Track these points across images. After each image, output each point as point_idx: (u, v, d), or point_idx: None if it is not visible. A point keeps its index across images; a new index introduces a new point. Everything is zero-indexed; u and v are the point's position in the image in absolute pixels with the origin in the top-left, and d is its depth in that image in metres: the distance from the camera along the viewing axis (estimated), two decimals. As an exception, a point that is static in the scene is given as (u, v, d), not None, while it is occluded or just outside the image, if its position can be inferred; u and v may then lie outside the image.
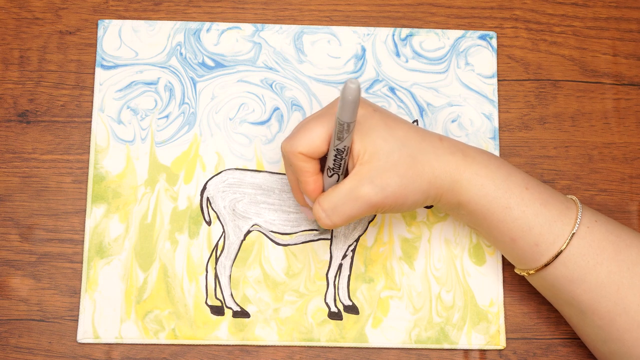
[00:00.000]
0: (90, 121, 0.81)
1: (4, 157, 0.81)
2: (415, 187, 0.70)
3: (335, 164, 0.70)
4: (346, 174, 0.72)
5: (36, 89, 0.82)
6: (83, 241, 0.79)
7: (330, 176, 0.71)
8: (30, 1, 0.84)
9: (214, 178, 0.80)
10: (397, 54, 0.84)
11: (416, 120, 0.82)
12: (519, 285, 0.80)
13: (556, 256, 0.71)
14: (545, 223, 0.71)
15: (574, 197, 0.74)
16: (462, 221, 0.77)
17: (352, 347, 0.78)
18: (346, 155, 0.69)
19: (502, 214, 0.71)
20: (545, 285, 0.74)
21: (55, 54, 0.83)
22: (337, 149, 0.69)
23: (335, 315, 0.79)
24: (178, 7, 0.84)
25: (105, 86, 0.82)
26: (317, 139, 0.70)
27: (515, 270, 0.75)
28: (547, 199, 0.72)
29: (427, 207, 0.81)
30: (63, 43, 0.83)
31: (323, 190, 0.72)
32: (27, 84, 0.82)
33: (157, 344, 0.78)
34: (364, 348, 0.78)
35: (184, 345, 0.78)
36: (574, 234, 0.71)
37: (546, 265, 0.71)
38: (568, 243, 0.71)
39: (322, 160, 0.72)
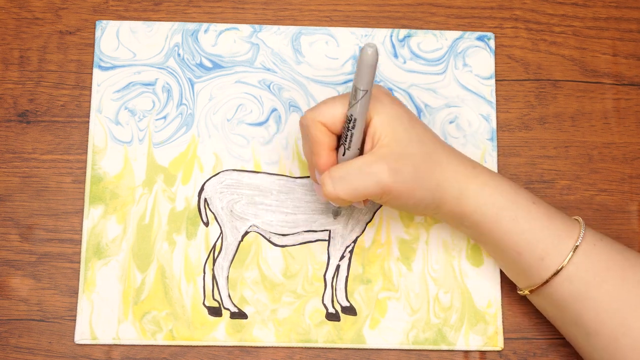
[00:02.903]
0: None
1: (4, 157, 0.81)
2: (425, 184, 0.70)
3: (343, 133, 0.70)
4: (360, 151, 0.72)
5: (36, 89, 0.82)
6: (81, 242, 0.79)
7: (340, 148, 0.72)
8: (30, 1, 0.84)
9: (211, 179, 0.80)
10: (395, 55, 0.84)
11: (414, 122, 0.82)
12: (518, 286, 0.80)
13: (559, 270, 0.70)
14: (551, 237, 0.71)
15: (579, 218, 0.73)
16: (465, 233, 0.77)
17: (351, 348, 0.78)
18: (352, 128, 0.69)
19: (509, 225, 0.71)
20: (550, 304, 0.73)
21: (55, 54, 0.83)
22: (346, 115, 0.70)
23: (332, 317, 0.79)
24: (178, 7, 0.84)
25: (103, 87, 0.82)
26: (339, 113, 0.70)
27: (518, 292, 0.75)
28: (554, 216, 0.72)
29: None
30: (63, 43, 0.83)
31: None
32: (27, 84, 0.83)
33: (156, 345, 0.78)
34: (363, 349, 0.78)
35: (184, 346, 0.78)
36: (577, 246, 0.70)
37: (548, 280, 0.71)
38: (571, 257, 0.70)
39: (340, 139, 0.72)
